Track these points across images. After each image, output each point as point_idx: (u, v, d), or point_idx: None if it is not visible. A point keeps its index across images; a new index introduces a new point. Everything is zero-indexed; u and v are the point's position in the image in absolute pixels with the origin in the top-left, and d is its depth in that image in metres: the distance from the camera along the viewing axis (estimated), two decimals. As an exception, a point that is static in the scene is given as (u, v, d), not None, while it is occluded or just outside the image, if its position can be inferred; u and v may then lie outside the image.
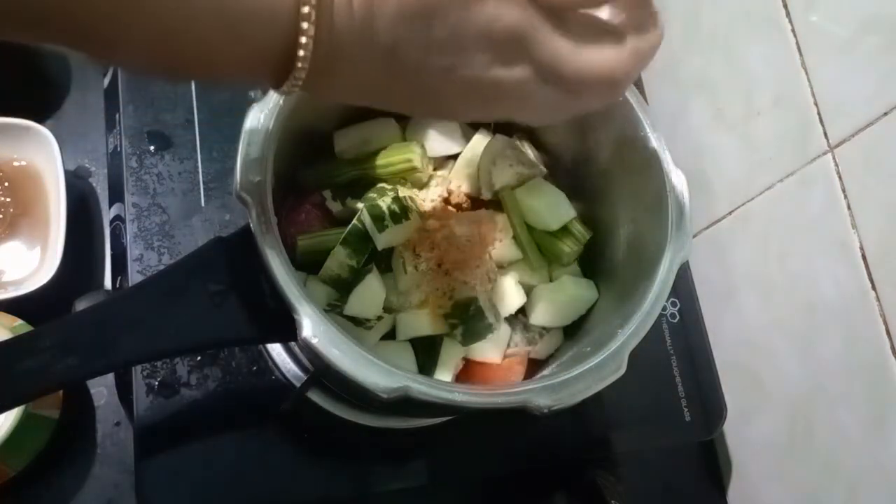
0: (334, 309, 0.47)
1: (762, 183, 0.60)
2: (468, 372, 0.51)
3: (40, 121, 0.60)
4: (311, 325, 0.37)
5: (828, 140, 0.53)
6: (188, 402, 0.53)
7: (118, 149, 0.59)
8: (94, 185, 0.66)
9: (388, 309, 0.49)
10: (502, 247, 0.51)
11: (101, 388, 0.60)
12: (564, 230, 0.52)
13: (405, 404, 0.38)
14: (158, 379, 0.53)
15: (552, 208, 0.52)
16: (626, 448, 0.60)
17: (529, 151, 0.55)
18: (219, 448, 0.52)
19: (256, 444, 0.53)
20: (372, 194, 0.50)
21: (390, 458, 0.55)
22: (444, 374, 0.49)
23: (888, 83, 0.48)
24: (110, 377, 0.59)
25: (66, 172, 0.59)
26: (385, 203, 0.47)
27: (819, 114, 0.54)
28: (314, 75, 0.30)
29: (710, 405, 0.61)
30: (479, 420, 0.56)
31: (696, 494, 0.66)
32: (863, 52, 0.50)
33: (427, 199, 0.52)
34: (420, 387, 0.37)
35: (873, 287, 0.50)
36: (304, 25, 0.28)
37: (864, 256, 0.51)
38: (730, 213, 0.64)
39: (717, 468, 0.66)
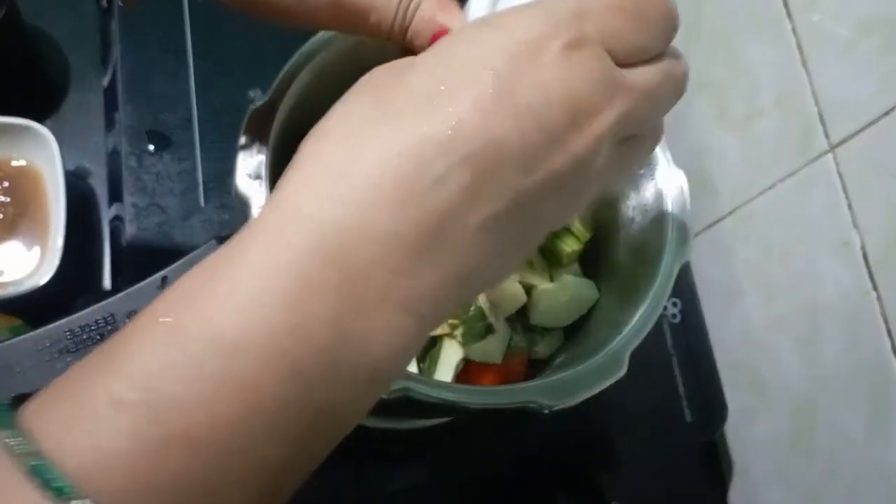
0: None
1: (763, 183, 0.60)
2: (468, 372, 0.51)
3: (40, 121, 0.60)
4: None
5: (829, 140, 0.53)
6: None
7: (117, 149, 0.59)
8: (94, 185, 0.65)
9: (388, 309, 0.49)
10: (502, 247, 0.51)
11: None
12: (564, 230, 0.52)
13: (405, 404, 0.38)
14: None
15: (552, 208, 0.52)
16: (626, 448, 0.60)
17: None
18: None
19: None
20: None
21: (390, 458, 0.55)
22: (444, 374, 0.49)
23: (889, 83, 0.48)
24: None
25: (66, 172, 0.58)
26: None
27: (820, 113, 0.53)
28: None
29: (711, 405, 0.61)
30: (479, 420, 0.55)
31: (696, 495, 0.66)
32: (864, 51, 0.50)
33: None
34: (420, 387, 0.37)
35: (874, 287, 0.50)
36: None
37: (865, 256, 0.51)
38: (731, 212, 0.64)
39: (719, 468, 0.66)
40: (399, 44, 0.31)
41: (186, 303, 0.21)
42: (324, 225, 0.22)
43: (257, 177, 0.40)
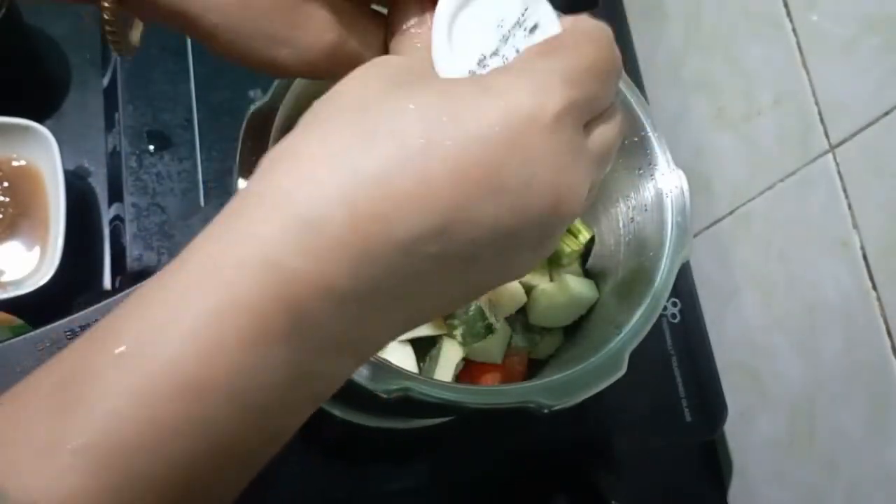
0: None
1: (763, 182, 0.60)
2: (468, 372, 0.51)
3: (40, 121, 0.60)
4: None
5: (828, 139, 0.53)
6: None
7: (117, 149, 0.59)
8: (94, 185, 0.66)
9: (388, 309, 0.49)
10: (502, 247, 0.51)
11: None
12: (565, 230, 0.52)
13: (405, 404, 0.38)
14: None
15: (552, 208, 0.52)
16: (626, 448, 0.60)
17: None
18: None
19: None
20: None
21: (390, 458, 0.55)
22: (444, 374, 0.49)
23: (889, 83, 0.48)
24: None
25: (66, 172, 0.59)
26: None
27: (820, 113, 0.53)
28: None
29: (710, 405, 0.61)
30: (479, 420, 0.55)
31: (696, 495, 0.66)
32: (864, 51, 0.50)
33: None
34: (420, 387, 0.37)
35: (874, 287, 0.50)
36: None
37: (864, 256, 0.51)
38: (730, 212, 0.64)
39: (718, 468, 0.66)
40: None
41: (147, 340, 0.21)
42: (286, 273, 0.21)
43: (257, 177, 0.40)
